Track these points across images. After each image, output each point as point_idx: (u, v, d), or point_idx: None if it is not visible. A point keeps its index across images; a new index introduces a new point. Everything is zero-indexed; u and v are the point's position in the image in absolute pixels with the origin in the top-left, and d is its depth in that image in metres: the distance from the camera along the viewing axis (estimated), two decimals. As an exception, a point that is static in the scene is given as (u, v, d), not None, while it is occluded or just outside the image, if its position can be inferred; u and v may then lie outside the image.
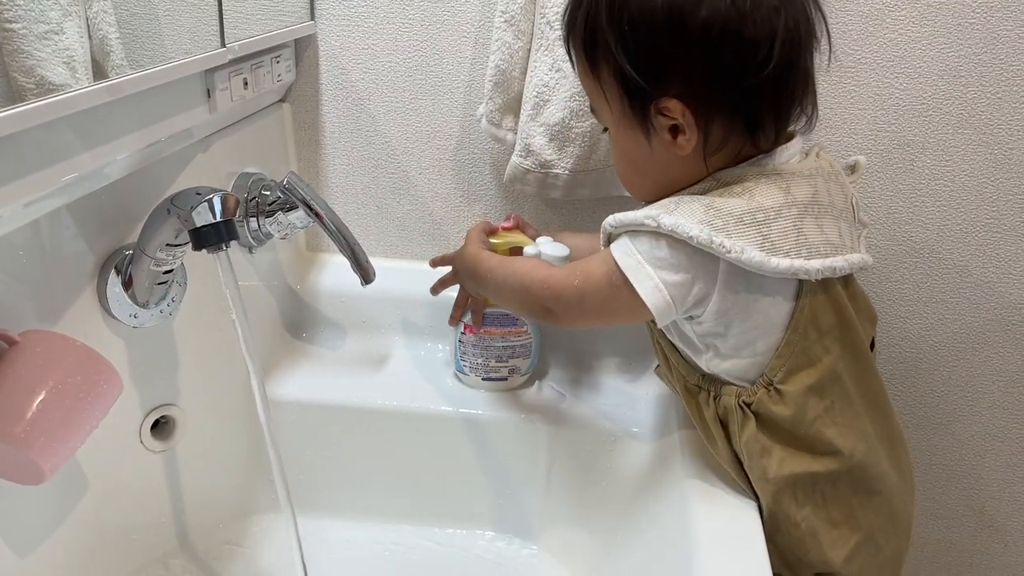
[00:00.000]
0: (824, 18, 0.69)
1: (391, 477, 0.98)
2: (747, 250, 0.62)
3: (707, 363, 0.72)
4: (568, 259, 0.86)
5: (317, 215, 0.84)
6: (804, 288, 0.67)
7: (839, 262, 0.65)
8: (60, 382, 0.63)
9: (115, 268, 0.75)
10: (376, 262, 0.87)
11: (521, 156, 0.95)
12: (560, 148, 0.94)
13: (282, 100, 1.05)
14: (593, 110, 0.74)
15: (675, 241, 0.64)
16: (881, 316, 1.06)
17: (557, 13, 0.90)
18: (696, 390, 0.75)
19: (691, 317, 0.69)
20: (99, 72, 0.66)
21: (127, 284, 0.75)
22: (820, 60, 0.71)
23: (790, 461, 0.69)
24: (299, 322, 1.08)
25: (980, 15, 0.91)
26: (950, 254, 1.02)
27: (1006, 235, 1.00)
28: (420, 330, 1.07)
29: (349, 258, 0.85)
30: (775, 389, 0.69)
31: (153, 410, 0.83)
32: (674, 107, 0.64)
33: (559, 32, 0.90)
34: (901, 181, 1.00)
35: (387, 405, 0.96)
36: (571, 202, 1.04)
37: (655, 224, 0.64)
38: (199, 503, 0.90)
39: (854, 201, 0.73)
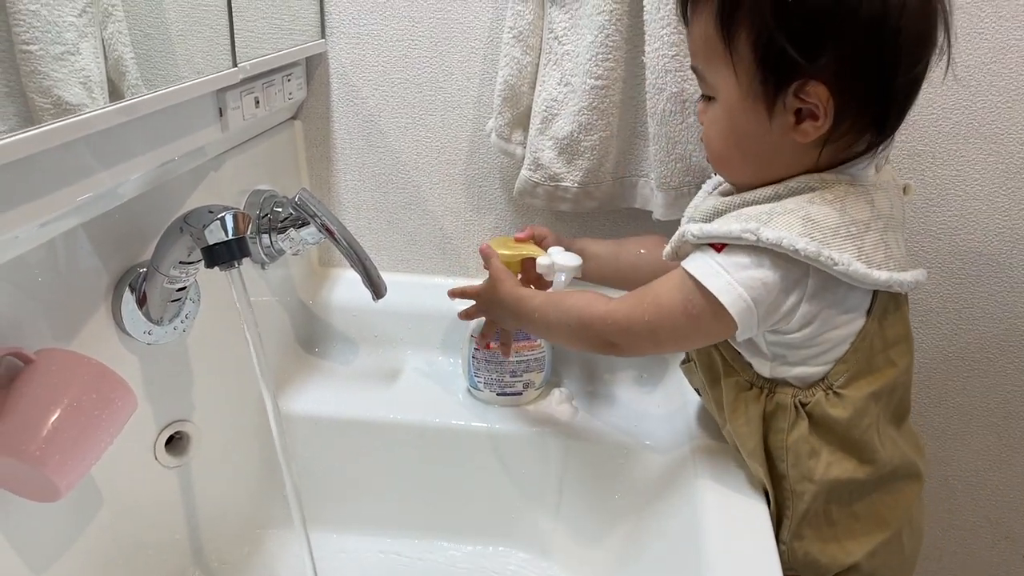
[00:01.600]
0: (949, 31, 0.65)
1: (404, 491, 0.99)
2: (852, 263, 0.61)
3: (771, 370, 0.71)
4: (580, 269, 0.86)
5: (328, 231, 0.85)
6: (878, 301, 0.67)
7: (920, 275, 0.66)
8: (75, 400, 0.64)
9: (129, 286, 0.75)
10: (387, 276, 0.88)
11: (531, 169, 0.95)
12: (569, 161, 0.94)
13: (294, 117, 1.06)
14: (699, 75, 0.68)
15: (775, 256, 0.62)
16: (894, 327, 1.06)
17: (565, 28, 0.91)
18: (747, 386, 0.73)
19: (773, 331, 0.68)
20: (114, 92, 0.67)
21: (141, 301, 0.76)
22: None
23: (836, 466, 0.69)
24: (311, 337, 1.09)
25: (990, 24, 0.91)
26: (963, 265, 1.02)
27: (1018, 245, 0.99)
28: (432, 344, 1.07)
29: (360, 273, 0.86)
30: (834, 392, 0.68)
31: (167, 426, 0.84)
32: (820, 92, 0.61)
33: (568, 47, 0.90)
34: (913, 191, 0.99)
35: (400, 419, 0.96)
36: (580, 214, 1.04)
37: (754, 238, 0.61)
38: (213, 518, 0.91)
39: (903, 214, 0.73)
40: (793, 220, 0.62)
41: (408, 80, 1.03)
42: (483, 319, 0.92)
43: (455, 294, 0.90)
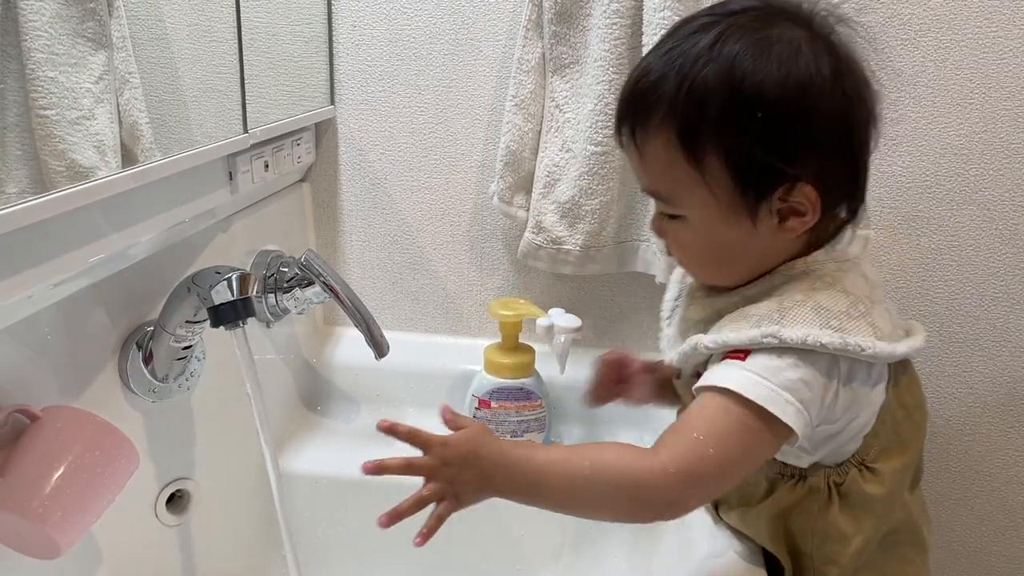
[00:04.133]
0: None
1: (403, 552, 0.97)
2: (875, 344, 0.59)
3: (809, 460, 0.68)
4: (580, 331, 0.86)
5: (333, 291, 0.86)
6: (892, 369, 0.65)
7: (922, 338, 0.65)
8: (79, 457, 0.65)
9: (136, 344, 0.77)
10: (391, 335, 0.89)
11: (533, 232, 0.97)
12: (571, 225, 0.96)
13: (302, 180, 1.08)
14: (661, 198, 0.64)
15: (803, 353, 0.59)
16: (893, 390, 1.06)
17: (565, 97, 0.93)
18: (779, 478, 0.70)
19: (818, 424, 0.64)
20: (128, 155, 0.69)
21: (147, 359, 0.77)
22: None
23: (861, 553, 0.67)
24: (314, 395, 1.09)
25: (979, 94, 0.94)
26: (960, 328, 1.02)
27: (1015, 309, 1.00)
28: (433, 403, 1.05)
29: (364, 332, 0.87)
30: (867, 467, 0.66)
31: (169, 484, 0.84)
32: (808, 192, 0.60)
33: (568, 115, 0.93)
34: (908, 256, 1.01)
35: (401, 480, 0.96)
36: (584, 277, 1.06)
37: (776, 341, 0.59)
38: (212, 577, 0.90)
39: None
40: (807, 312, 0.60)
41: (414, 145, 1.06)
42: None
43: (400, 434, 0.61)
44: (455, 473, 0.59)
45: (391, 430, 0.61)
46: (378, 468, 0.59)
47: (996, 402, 1.05)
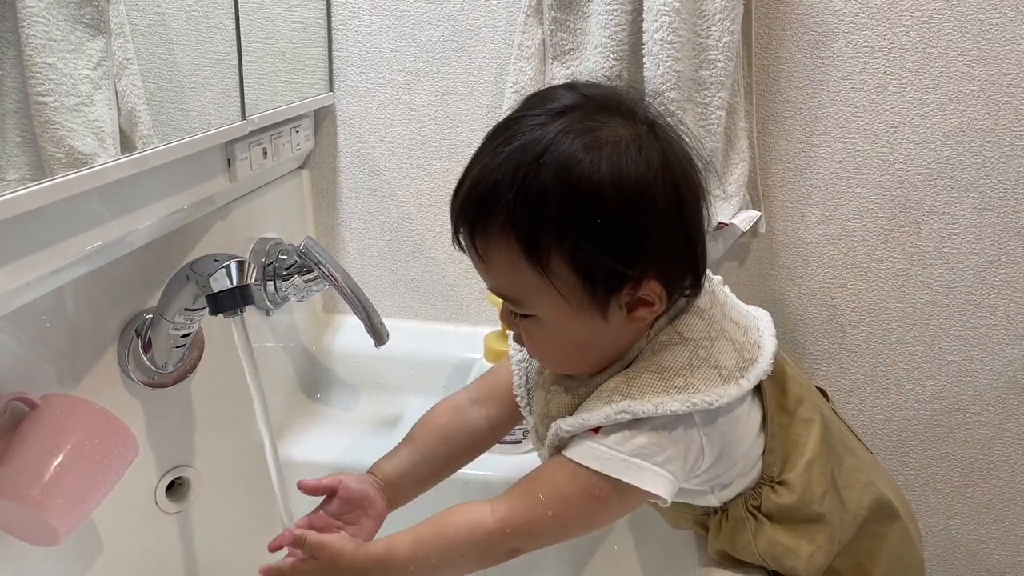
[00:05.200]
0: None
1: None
2: (721, 390, 0.61)
3: (717, 498, 0.70)
4: None
5: (332, 278, 0.86)
6: (761, 383, 0.66)
7: (769, 339, 0.67)
8: (78, 445, 0.65)
9: (135, 331, 0.77)
10: (390, 323, 0.89)
11: (532, 220, 0.97)
12: (570, 213, 0.96)
13: (301, 167, 1.08)
14: (509, 299, 0.63)
15: (655, 420, 0.61)
16: (893, 377, 1.06)
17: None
18: (706, 519, 0.72)
19: (697, 473, 0.66)
20: (126, 142, 0.68)
21: (146, 347, 0.77)
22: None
23: (820, 553, 0.68)
24: (314, 383, 1.09)
25: (982, 82, 0.93)
26: (960, 316, 1.02)
27: (1015, 297, 1.00)
28: (433, 389, 1.08)
29: (363, 320, 0.87)
30: (778, 483, 0.67)
31: (168, 471, 0.84)
32: (653, 287, 0.60)
33: None
34: (909, 244, 1.00)
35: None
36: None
37: (630, 416, 0.60)
38: (211, 565, 0.90)
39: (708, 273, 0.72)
40: (650, 379, 0.62)
41: (413, 132, 1.06)
42: None
43: (286, 542, 0.69)
44: None
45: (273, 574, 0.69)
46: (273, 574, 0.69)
47: (995, 390, 1.05)
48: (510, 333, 0.70)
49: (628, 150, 0.58)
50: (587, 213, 0.57)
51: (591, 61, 0.90)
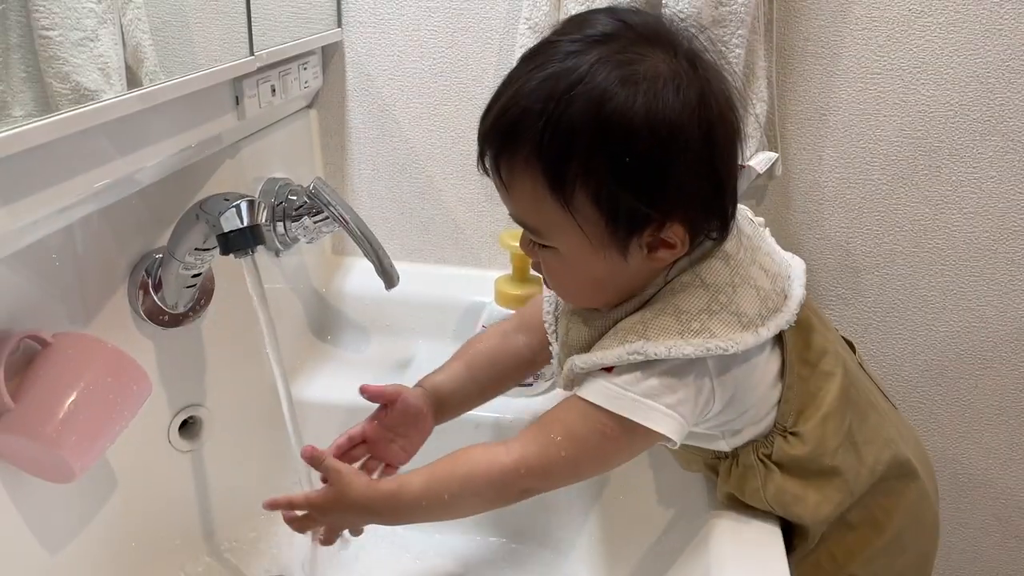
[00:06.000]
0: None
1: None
2: (738, 338, 0.60)
3: (728, 443, 0.70)
4: None
5: (342, 220, 0.85)
6: (783, 332, 0.65)
7: (798, 289, 0.65)
8: (91, 383, 0.65)
9: (145, 271, 0.76)
10: (400, 266, 0.88)
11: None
12: (583, 154, 0.94)
13: (309, 106, 1.06)
14: (530, 228, 0.63)
15: (667, 364, 0.61)
16: (906, 323, 1.06)
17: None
18: (716, 463, 0.72)
19: (706, 418, 0.66)
20: (132, 78, 0.67)
21: (156, 287, 0.77)
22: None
23: (826, 504, 0.68)
24: (324, 325, 1.09)
25: (1009, 21, 0.91)
26: (977, 261, 1.01)
27: (1034, 243, 0.99)
28: (443, 333, 1.07)
29: (374, 262, 0.86)
30: (791, 433, 0.67)
31: (181, 411, 0.85)
32: (676, 231, 0.59)
33: None
34: (927, 188, 0.99)
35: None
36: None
37: (642, 356, 0.60)
38: (223, 502, 0.92)
39: (747, 213, 0.70)
40: (667, 320, 0.61)
41: (423, 70, 1.03)
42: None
43: (278, 505, 0.70)
44: (333, 519, 0.70)
45: (281, 506, 0.70)
46: (282, 505, 0.70)
47: (1009, 336, 1.04)
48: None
49: (666, 88, 0.56)
50: (616, 151, 0.56)
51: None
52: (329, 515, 0.69)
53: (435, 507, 0.66)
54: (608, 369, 0.63)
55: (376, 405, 0.78)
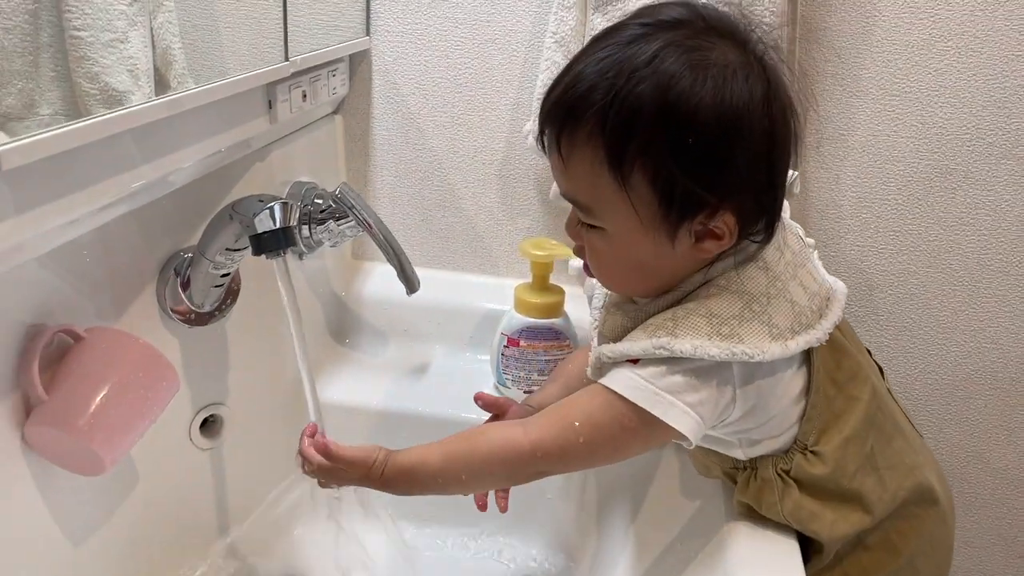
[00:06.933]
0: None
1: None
2: (766, 347, 0.60)
3: (745, 453, 0.70)
4: None
5: (367, 225, 0.86)
6: (812, 350, 0.65)
7: (835, 310, 0.66)
8: (123, 378, 0.66)
9: (174, 270, 0.78)
10: (419, 271, 0.89)
11: (566, 173, 0.97)
12: (604, 167, 0.95)
13: (335, 112, 1.08)
14: (580, 206, 0.64)
15: (693, 362, 0.61)
16: (918, 342, 1.07)
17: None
18: (735, 472, 0.73)
19: (723, 423, 0.66)
20: (161, 81, 0.68)
21: (185, 285, 0.78)
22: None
23: (842, 522, 0.68)
24: (343, 328, 1.11)
25: (1027, 47, 0.92)
26: (989, 284, 1.02)
27: (1048, 267, 1.00)
28: (461, 340, 1.09)
29: (396, 268, 0.87)
30: (811, 451, 0.67)
31: (203, 408, 0.86)
32: (728, 220, 0.60)
33: None
34: (942, 209, 1.00)
35: (427, 412, 0.98)
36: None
37: (667, 352, 0.60)
38: (241, 500, 0.93)
39: (797, 231, 0.72)
40: (698, 321, 0.61)
41: (448, 80, 1.05)
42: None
43: (316, 449, 0.71)
44: (353, 480, 0.70)
45: (320, 451, 0.70)
46: (320, 450, 0.71)
47: (1019, 358, 1.05)
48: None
49: (735, 76, 0.58)
50: (679, 132, 0.57)
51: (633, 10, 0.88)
52: (347, 477, 0.70)
53: (451, 484, 0.68)
54: (634, 361, 0.63)
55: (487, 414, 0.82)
